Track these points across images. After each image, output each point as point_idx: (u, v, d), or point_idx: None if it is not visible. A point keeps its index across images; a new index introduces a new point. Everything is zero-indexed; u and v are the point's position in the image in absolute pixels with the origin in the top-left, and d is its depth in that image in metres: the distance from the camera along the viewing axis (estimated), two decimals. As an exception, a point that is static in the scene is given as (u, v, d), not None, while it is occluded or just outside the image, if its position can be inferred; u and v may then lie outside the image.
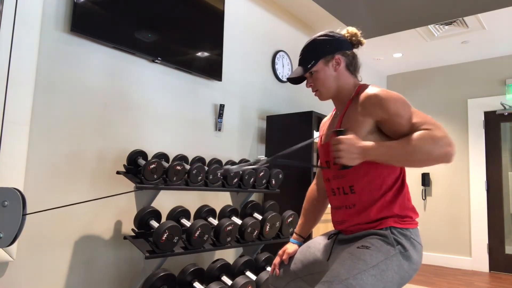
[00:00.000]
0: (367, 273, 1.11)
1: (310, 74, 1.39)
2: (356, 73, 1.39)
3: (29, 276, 1.85)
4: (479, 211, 4.59)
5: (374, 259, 1.14)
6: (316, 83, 1.38)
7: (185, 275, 2.02)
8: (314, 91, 1.42)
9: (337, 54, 1.35)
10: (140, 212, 2.05)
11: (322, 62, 1.35)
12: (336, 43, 1.36)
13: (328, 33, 1.38)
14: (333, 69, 1.35)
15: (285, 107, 3.61)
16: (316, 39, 1.38)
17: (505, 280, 4.10)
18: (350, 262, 1.14)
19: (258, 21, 3.36)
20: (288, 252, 1.51)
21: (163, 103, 2.52)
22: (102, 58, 2.19)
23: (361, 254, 1.16)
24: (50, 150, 1.95)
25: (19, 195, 0.93)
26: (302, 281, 1.46)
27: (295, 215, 2.51)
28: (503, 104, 4.55)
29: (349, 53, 1.37)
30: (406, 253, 1.18)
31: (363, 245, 1.19)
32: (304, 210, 1.60)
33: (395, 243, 1.19)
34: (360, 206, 1.27)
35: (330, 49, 1.35)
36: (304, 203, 1.61)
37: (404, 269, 1.17)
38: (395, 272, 1.15)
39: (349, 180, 1.29)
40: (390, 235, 1.20)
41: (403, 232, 1.21)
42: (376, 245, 1.18)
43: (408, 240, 1.21)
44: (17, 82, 1.76)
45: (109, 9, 2.16)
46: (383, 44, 4.39)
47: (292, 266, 1.48)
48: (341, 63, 1.35)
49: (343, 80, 1.36)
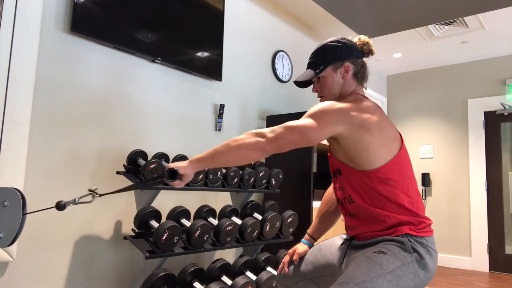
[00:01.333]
0: (383, 278, 1.11)
1: (318, 79, 1.39)
2: (362, 81, 1.39)
3: (29, 276, 1.85)
4: (479, 211, 4.59)
5: (391, 264, 1.14)
6: (323, 88, 1.38)
7: (185, 275, 2.02)
8: (319, 96, 1.42)
9: (346, 62, 1.35)
10: (140, 212, 2.05)
11: (331, 68, 1.35)
12: (346, 50, 1.36)
13: (340, 40, 1.38)
14: (341, 76, 1.35)
15: (285, 107, 3.61)
16: (328, 44, 1.38)
17: (505, 280, 4.10)
18: (367, 266, 1.14)
19: (258, 21, 3.36)
20: (298, 252, 1.50)
21: (163, 103, 2.52)
22: (102, 58, 2.19)
23: (378, 259, 1.15)
24: (50, 150, 1.95)
25: (19, 195, 0.93)
26: (311, 282, 1.45)
27: (295, 215, 2.51)
28: (503, 104, 4.55)
29: (358, 62, 1.37)
30: (422, 261, 1.18)
31: (380, 250, 1.18)
32: (319, 212, 1.58)
33: (412, 250, 1.18)
34: (365, 214, 1.27)
35: (340, 55, 1.35)
36: (320, 205, 1.60)
37: (420, 277, 1.17)
38: (410, 279, 1.15)
39: (347, 191, 1.31)
40: (408, 242, 1.19)
41: (420, 240, 1.21)
42: (393, 251, 1.17)
43: (425, 248, 1.20)
44: (17, 82, 1.76)
45: (109, 9, 2.16)
46: (383, 44, 4.39)
47: (302, 267, 1.47)
48: (350, 71, 1.35)
49: (347, 87, 1.36)
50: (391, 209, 1.23)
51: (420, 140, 5.16)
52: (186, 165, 1.27)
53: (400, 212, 1.23)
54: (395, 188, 1.24)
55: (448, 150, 4.93)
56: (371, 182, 1.24)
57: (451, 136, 4.92)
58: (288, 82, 3.67)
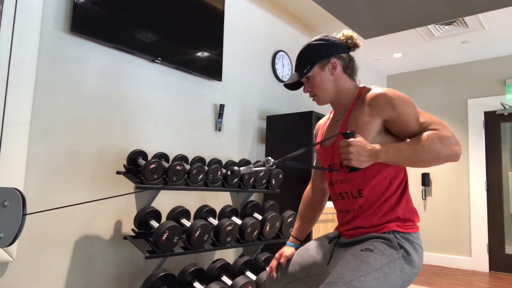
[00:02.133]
0: (371, 276, 1.11)
1: (307, 79, 1.38)
2: (354, 76, 1.39)
3: (29, 276, 1.85)
4: (479, 211, 4.59)
5: (378, 262, 1.14)
6: (313, 88, 1.38)
7: (185, 275, 2.02)
8: (311, 96, 1.41)
9: (332, 58, 1.34)
10: (140, 212, 2.05)
11: (318, 66, 1.35)
12: (331, 47, 1.35)
13: (323, 37, 1.37)
14: (330, 73, 1.35)
15: (285, 107, 3.61)
16: (311, 44, 1.37)
17: (505, 280, 4.10)
18: (355, 264, 1.14)
19: (258, 21, 3.36)
20: (285, 255, 1.50)
21: (163, 103, 2.52)
22: (102, 58, 2.19)
23: (365, 257, 1.15)
24: (50, 150, 1.95)
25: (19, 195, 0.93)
26: (300, 283, 1.46)
27: (295, 215, 2.51)
28: (503, 104, 4.55)
29: (345, 56, 1.36)
30: (408, 257, 1.18)
31: (367, 248, 1.19)
32: (300, 213, 1.60)
33: (398, 247, 1.19)
34: (366, 209, 1.27)
35: (325, 53, 1.34)
36: (300, 207, 1.61)
37: (406, 273, 1.17)
38: (397, 276, 1.15)
39: (357, 184, 1.29)
40: (394, 239, 1.20)
41: (406, 236, 1.22)
42: (380, 248, 1.18)
43: (411, 244, 1.21)
44: (17, 82, 1.76)
45: (109, 9, 2.16)
46: (383, 44, 4.39)
47: (290, 268, 1.48)
48: (337, 67, 1.35)
49: (342, 83, 1.36)
50: (393, 205, 1.25)
51: (420, 140, 5.15)
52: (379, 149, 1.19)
53: (399, 208, 1.25)
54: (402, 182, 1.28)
55: (448, 150, 4.92)
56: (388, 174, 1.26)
57: (451, 136, 4.92)
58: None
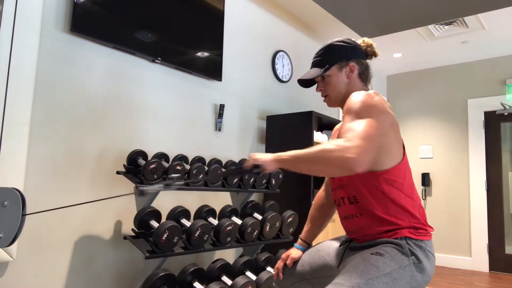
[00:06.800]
0: (379, 280, 1.10)
1: (322, 78, 1.39)
2: (367, 82, 1.39)
3: (29, 276, 1.85)
4: (479, 211, 4.59)
5: (387, 266, 1.13)
6: (327, 87, 1.38)
7: (185, 275, 2.02)
8: (323, 96, 1.41)
9: (352, 61, 1.35)
10: (140, 212, 2.05)
11: (336, 67, 1.35)
12: (352, 50, 1.36)
13: (346, 40, 1.38)
14: (346, 75, 1.35)
15: (285, 107, 3.61)
16: (333, 44, 1.38)
17: (505, 280, 4.10)
18: (363, 267, 1.13)
19: (258, 21, 3.36)
20: (292, 257, 1.50)
21: (163, 103, 2.52)
22: (102, 58, 2.19)
23: (375, 261, 1.14)
24: (50, 150, 1.95)
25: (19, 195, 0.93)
26: (308, 283, 1.45)
27: (295, 215, 2.51)
28: (503, 104, 4.55)
29: (363, 62, 1.37)
30: (420, 265, 1.17)
31: (377, 252, 1.18)
32: (310, 216, 1.58)
33: (410, 253, 1.17)
34: (367, 215, 1.26)
35: (346, 55, 1.35)
36: (311, 210, 1.60)
37: (417, 280, 1.16)
38: (407, 282, 1.14)
39: (351, 190, 1.29)
40: (405, 245, 1.18)
41: (418, 243, 1.20)
42: (391, 253, 1.17)
43: (423, 251, 1.19)
44: (17, 82, 1.76)
45: (109, 9, 2.16)
46: (383, 44, 4.39)
47: (299, 267, 1.47)
48: (355, 71, 1.35)
49: (354, 88, 1.36)
50: (394, 212, 1.23)
51: (420, 140, 5.16)
52: (272, 159, 1.21)
53: (403, 215, 1.23)
54: (400, 190, 1.24)
55: (448, 150, 4.93)
56: (378, 183, 1.23)
57: (451, 136, 4.92)
58: (288, 82, 3.67)
